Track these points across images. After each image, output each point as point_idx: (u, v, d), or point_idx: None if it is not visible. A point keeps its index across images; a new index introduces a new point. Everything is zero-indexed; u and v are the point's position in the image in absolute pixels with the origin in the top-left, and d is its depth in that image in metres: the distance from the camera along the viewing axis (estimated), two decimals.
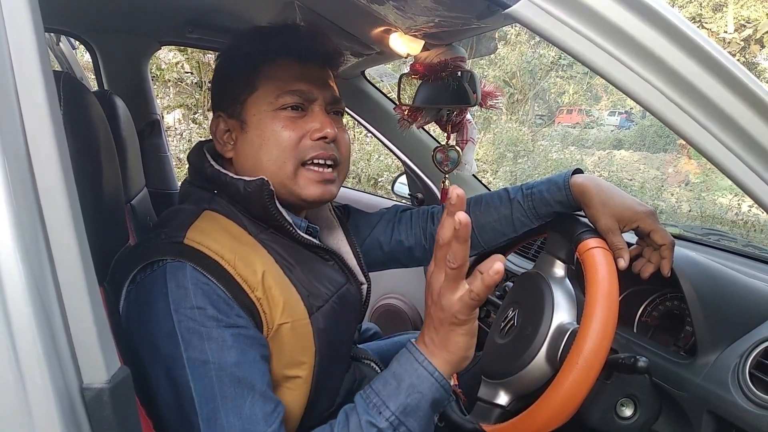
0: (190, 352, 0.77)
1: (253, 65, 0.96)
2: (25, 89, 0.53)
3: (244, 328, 0.81)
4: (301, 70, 0.96)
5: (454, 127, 1.56)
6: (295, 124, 0.94)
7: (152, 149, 2.01)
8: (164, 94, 7.85)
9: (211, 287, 0.80)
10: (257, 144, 0.94)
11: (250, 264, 0.85)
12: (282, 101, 0.93)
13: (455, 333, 0.75)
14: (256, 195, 0.90)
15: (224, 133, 0.99)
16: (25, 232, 0.52)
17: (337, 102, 1.00)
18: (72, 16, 1.73)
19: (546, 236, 1.17)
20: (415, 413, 0.77)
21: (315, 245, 0.98)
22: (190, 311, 0.78)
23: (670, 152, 10.46)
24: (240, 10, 1.54)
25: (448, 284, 0.72)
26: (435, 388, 0.77)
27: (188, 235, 0.85)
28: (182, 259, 0.81)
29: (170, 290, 0.79)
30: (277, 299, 0.86)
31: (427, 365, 0.77)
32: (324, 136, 0.94)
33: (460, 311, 0.72)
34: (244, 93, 0.96)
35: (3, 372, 0.51)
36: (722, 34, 12.67)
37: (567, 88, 13.29)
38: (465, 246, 0.68)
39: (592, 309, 0.89)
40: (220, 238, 0.86)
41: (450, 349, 0.77)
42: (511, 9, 0.69)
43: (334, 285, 0.98)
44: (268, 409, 0.78)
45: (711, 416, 0.91)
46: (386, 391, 0.78)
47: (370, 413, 0.77)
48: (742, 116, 0.72)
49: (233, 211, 0.93)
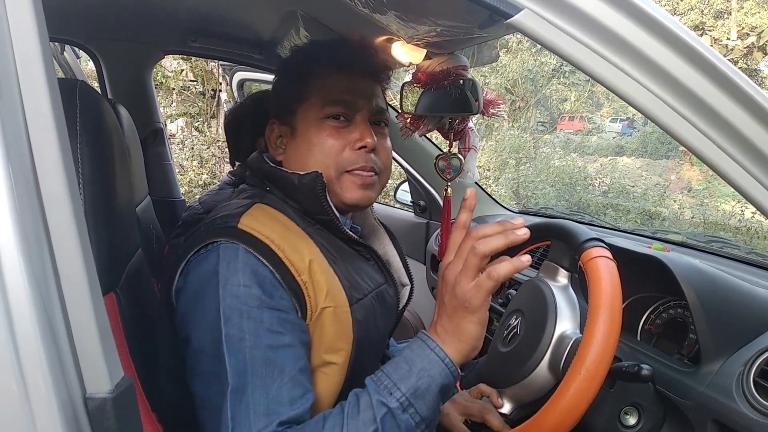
0: (228, 328, 0.81)
1: (303, 78, 1.03)
2: (30, 98, 0.53)
3: (285, 312, 0.85)
4: (347, 82, 1.02)
5: (457, 135, 1.56)
6: (338, 133, 1.00)
7: (155, 157, 2.01)
8: (168, 102, 7.88)
9: (261, 268, 0.85)
10: (304, 150, 1.01)
11: (298, 250, 0.90)
12: (327, 111, 1.00)
13: (467, 321, 0.80)
14: (310, 186, 0.96)
15: (277, 138, 1.08)
16: (29, 240, 0.52)
17: (380, 113, 1.06)
18: (76, 26, 1.74)
19: (549, 244, 1.16)
20: (425, 396, 0.79)
21: (357, 242, 1.04)
22: (236, 288, 0.83)
23: (673, 159, 10.46)
24: (243, 19, 1.55)
25: (466, 272, 0.78)
26: (445, 374, 0.80)
27: (242, 221, 0.91)
28: (236, 241, 0.87)
29: (221, 268, 0.84)
30: (321, 284, 0.90)
31: (438, 351, 0.81)
32: (364, 146, 0.99)
33: (474, 296, 0.77)
34: (295, 103, 1.03)
35: (7, 381, 0.51)
36: (725, 41, 12.68)
37: (569, 95, 13.29)
38: (499, 232, 0.78)
39: (595, 317, 0.89)
40: (270, 224, 0.92)
41: (461, 338, 0.81)
42: (512, 19, 0.69)
43: (373, 282, 1.03)
44: (296, 393, 0.80)
45: (715, 425, 0.90)
46: (397, 374, 0.80)
47: (381, 393, 0.79)
48: (742, 123, 0.72)
49: (284, 205, 0.99)
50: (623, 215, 7.24)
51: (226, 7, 1.49)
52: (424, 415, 0.79)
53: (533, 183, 8.37)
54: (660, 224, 6.86)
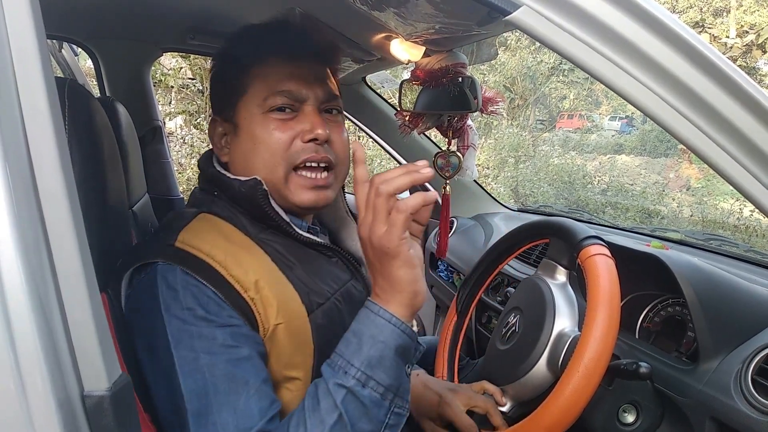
0: (179, 350, 0.77)
1: (242, 67, 0.94)
2: (28, 95, 0.53)
3: (237, 326, 0.81)
4: (291, 69, 0.93)
5: (455, 132, 1.56)
6: (285, 125, 0.92)
7: (154, 155, 2.01)
8: (166, 100, 7.86)
9: (201, 289, 0.80)
10: (249, 148, 0.93)
11: (242, 265, 0.85)
12: (270, 103, 0.92)
13: (395, 267, 0.76)
14: (251, 195, 0.90)
15: (221, 137, 0.98)
16: (27, 238, 0.52)
17: (331, 99, 0.97)
18: (74, 23, 1.74)
19: (548, 242, 1.16)
20: (381, 364, 0.75)
21: (316, 243, 0.97)
22: (180, 312, 0.78)
23: (672, 157, 10.46)
24: (241, 16, 1.54)
25: (376, 218, 0.75)
26: (396, 334, 0.77)
27: (180, 238, 0.86)
28: (172, 262, 0.82)
29: (161, 292, 0.80)
30: (270, 299, 0.85)
31: (383, 313, 0.77)
32: (314, 138, 0.91)
33: (390, 238, 0.74)
34: (235, 96, 0.94)
35: (4, 379, 0.51)
36: (724, 39, 12.68)
37: (568, 93, 13.28)
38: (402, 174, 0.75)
39: (594, 315, 0.89)
40: (211, 239, 0.86)
41: (398, 288, 0.77)
42: (511, 16, 0.69)
43: (337, 282, 0.97)
44: (264, 404, 0.77)
45: (713, 422, 0.90)
46: (349, 351, 0.77)
47: (336, 375, 0.75)
48: (741, 120, 0.72)
49: (233, 212, 0.93)
50: (622, 213, 7.24)
51: (224, 5, 1.49)
52: (387, 384, 0.75)
53: (532, 181, 8.36)
54: (659, 222, 6.86)
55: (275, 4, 1.32)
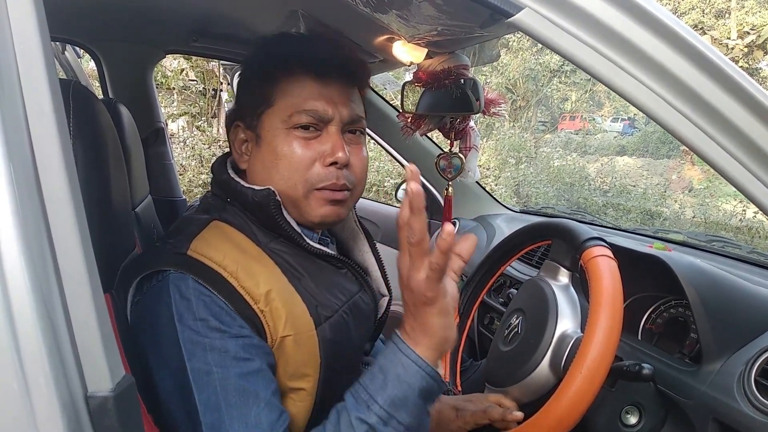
0: (193, 363, 0.78)
1: (270, 79, 0.93)
2: (32, 97, 0.53)
3: (249, 337, 0.81)
4: (318, 88, 0.92)
5: (458, 134, 1.57)
6: (308, 144, 0.91)
7: (156, 157, 2.01)
8: (169, 102, 7.88)
9: (213, 299, 0.81)
10: (269, 161, 0.92)
11: (253, 275, 0.85)
12: (295, 120, 0.90)
13: (429, 314, 0.76)
14: (263, 204, 0.90)
15: (242, 144, 0.97)
16: (31, 239, 0.52)
17: (356, 121, 0.96)
18: (77, 25, 1.74)
19: (550, 244, 1.16)
20: (404, 405, 0.76)
21: (327, 254, 0.97)
22: (193, 323, 0.79)
23: (674, 158, 10.46)
24: (244, 18, 1.54)
25: (413, 264, 0.73)
26: (421, 377, 0.76)
27: (192, 246, 0.86)
28: (185, 271, 0.82)
29: (174, 301, 0.80)
30: (280, 311, 0.85)
31: (410, 354, 0.77)
32: (335, 161, 0.91)
33: (427, 288, 0.73)
34: (261, 107, 0.93)
35: (8, 379, 0.51)
36: (725, 41, 12.68)
37: (570, 94, 13.30)
38: (420, 218, 0.70)
39: (596, 317, 0.89)
40: (224, 248, 0.86)
41: (429, 333, 0.77)
42: (513, 18, 0.69)
43: (345, 294, 0.97)
44: (273, 417, 0.78)
45: (716, 424, 0.90)
46: (374, 386, 0.77)
47: (359, 409, 0.76)
48: (743, 121, 0.72)
49: (244, 220, 0.92)
50: (624, 215, 7.24)
51: (227, 7, 1.49)
52: (407, 423, 0.76)
53: (534, 182, 8.37)
54: (661, 224, 6.85)
55: (278, 7, 1.33)
